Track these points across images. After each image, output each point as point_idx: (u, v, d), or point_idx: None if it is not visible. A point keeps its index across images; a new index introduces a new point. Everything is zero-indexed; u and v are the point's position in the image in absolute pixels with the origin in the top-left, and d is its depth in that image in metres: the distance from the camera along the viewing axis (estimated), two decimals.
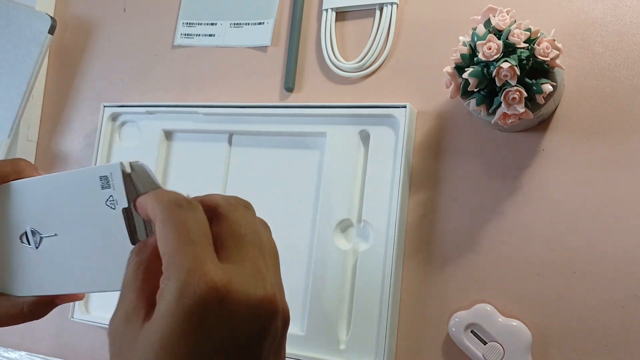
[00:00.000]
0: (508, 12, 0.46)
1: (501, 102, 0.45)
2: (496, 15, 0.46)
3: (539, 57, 0.44)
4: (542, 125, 0.51)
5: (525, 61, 0.44)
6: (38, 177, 0.35)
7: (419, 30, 0.58)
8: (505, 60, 0.44)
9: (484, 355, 0.48)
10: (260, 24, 0.65)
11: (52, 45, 0.75)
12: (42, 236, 0.34)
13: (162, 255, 0.27)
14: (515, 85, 0.44)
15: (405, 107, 0.54)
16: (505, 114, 0.46)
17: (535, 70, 0.45)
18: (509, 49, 0.44)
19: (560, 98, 0.50)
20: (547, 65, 0.45)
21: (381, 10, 0.59)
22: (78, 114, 0.74)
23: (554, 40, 0.45)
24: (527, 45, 0.45)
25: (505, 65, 0.43)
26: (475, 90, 0.46)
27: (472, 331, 0.50)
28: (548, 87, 0.45)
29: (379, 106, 0.55)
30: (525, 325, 0.48)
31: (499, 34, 0.45)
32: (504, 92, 0.45)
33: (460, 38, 0.48)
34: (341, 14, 0.62)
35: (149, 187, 0.31)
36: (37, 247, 0.35)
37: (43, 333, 0.70)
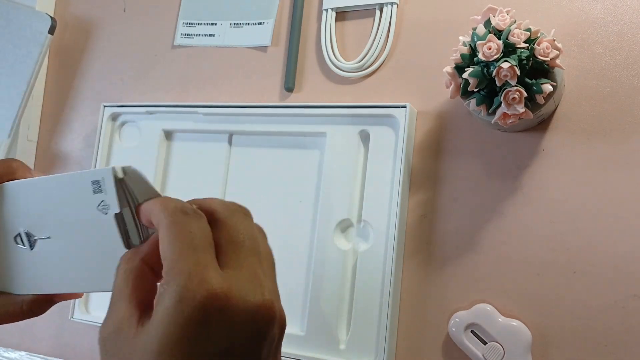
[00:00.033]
0: (508, 12, 0.46)
1: (501, 102, 0.45)
2: (496, 15, 0.46)
3: (539, 57, 0.44)
4: (542, 125, 0.51)
5: (525, 61, 0.44)
6: (31, 179, 0.35)
7: (419, 30, 0.58)
8: (505, 60, 0.44)
9: (484, 355, 0.48)
10: (260, 24, 0.65)
11: (52, 45, 0.75)
12: (36, 238, 0.34)
13: (164, 259, 0.27)
14: (515, 85, 0.44)
15: (405, 107, 0.54)
16: (505, 114, 0.46)
17: (535, 70, 0.45)
18: (509, 49, 0.44)
19: (560, 98, 0.50)
20: (547, 65, 0.45)
21: (381, 10, 0.59)
22: (78, 114, 0.74)
23: (554, 40, 0.45)
24: (527, 45, 0.45)
25: (505, 65, 0.43)
26: (475, 90, 0.46)
27: (472, 331, 0.50)
28: (548, 87, 0.45)
29: (379, 106, 0.55)
30: (525, 325, 0.48)
31: (499, 34, 0.45)
32: (504, 92, 0.45)
33: (460, 38, 0.48)
34: (341, 14, 0.62)
35: (146, 192, 0.31)
36: (32, 249, 0.34)
37: (43, 333, 0.70)
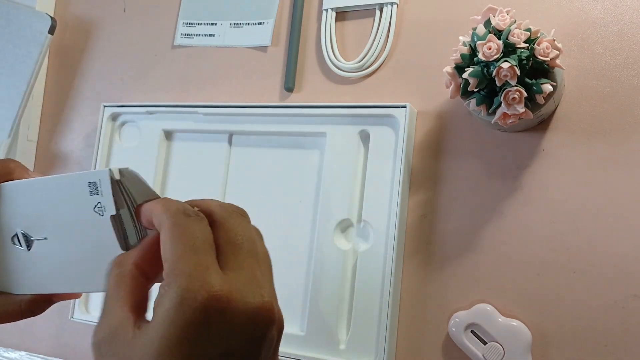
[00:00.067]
0: (508, 12, 0.46)
1: (501, 102, 0.45)
2: (496, 15, 0.46)
3: (539, 57, 0.44)
4: (542, 125, 0.51)
5: (525, 61, 0.44)
6: (28, 180, 0.35)
7: (419, 30, 0.58)
8: (505, 60, 0.44)
9: (484, 355, 0.48)
10: (260, 24, 0.65)
11: (52, 45, 0.75)
12: (33, 239, 0.34)
13: (165, 261, 0.27)
14: (515, 85, 0.44)
15: (405, 107, 0.54)
16: (505, 114, 0.46)
17: (535, 70, 0.45)
18: (509, 49, 0.44)
19: (560, 98, 0.50)
20: (547, 65, 0.45)
21: (381, 10, 0.59)
22: (78, 114, 0.74)
23: (554, 40, 0.45)
24: (527, 45, 0.45)
25: (505, 65, 0.43)
26: (475, 90, 0.46)
27: (472, 331, 0.50)
28: (548, 87, 0.45)
29: (379, 106, 0.55)
30: (525, 325, 0.48)
31: (499, 34, 0.45)
32: (504, 92, 0.45)
33: (460, 38, 0.48)
34: (341, 14, 0.62)
35: (144, 193, 0.31)
36: (29, 249, 0.34)
37: (43, 333, 0.70)
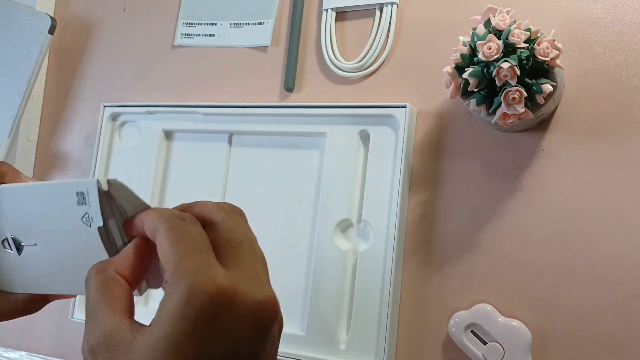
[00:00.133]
0: (508, 12, 0.46)
1: (501, 102, 0.45)
2: (496, 15, 0.46)
3: (539, 57, 0.44)
4: (542, 125, 0.51)
5: (525, 61, 0.44)
6: (18, 185, 0.35)
7: (419, 30, 0.58)
8: (505, 60, 0.44)
9: (484, 355, 0.48)
10: (260, 24, 0.65)
11: (52, 45, 0.75)
12: (23, 244, 0.34)
13: (166, 263, 0.27)
14: (515, 85, 0.44)
15: (405, 107, 0.54)
16: (505, 114, 0.46)
17: (535, 70, 0.45)
18: (509, 49, 0.44)
19: (560, 98, 0.50)
20: (547, 65, 0.45)
21: (381, 10, 0.59)
22: (78, 114, 0.74)
23: (554, 40, 0.45)
24: (527, 45, 0.45)
25: (505, 65, 0.43)
26: (475, 90, 0.46)
27: (472, 331, 0.50)
28: (548, 87, 0.45)
29: (379, 106, 0.55)
30: (525, 325, 0.48)
31: (499, 34, 0.45)
32: (504, 92, 0.45)
33: (460, 38, 0.48)
34: (341, 14, 0.62)
35: (133, 203, 0.31)
36: (19, 254, 0.34)
37: (43, 333, 0.70)
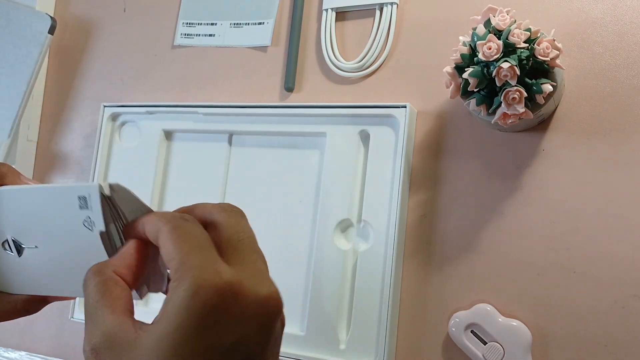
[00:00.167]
0: (508, 12, 0.46)
1: (501, 102, 0.45)
2: (496, 15, 0.46)
3: (539, 57, 0.44)
4: (542, 125, 0.51)
5: (525, 61, 0.44)
6: (19, 187, 0.34)
7: (419, 30, 0.58)
8: (505, 60, 0.44)
9: (484, 355, 0.48)
10: (260, 24, 0.65)
11: (52, 45, 0.75)
12: (23, 247, 0.34)
13: (170, 261, 0.27)
14: (515, 85, 0.44)
15: (405, 107, 0.54)
16: (505, 114, 0.46)
17: (535, 70, 0.45)
18: (509, 49, 0.44)
19: (560, 98, 0.50)
20: (547, 65, 0.45)
21: (381, 10, 0.59)
22: (78, 114, 0.74)
23: (554, 40, 0.45)
24: (527, 45, 0.45)
25: (505, 65, 0.43)
26: (475, 90, 0.46)
27: (472, 331, 0.50)
28: (548, 87, 0.45)
29: (379, 106, 0.55)
30: (525, 325, 0.48)
31: (499, 34, 0.45)
32: (504, 92, 0.45)
33: (460, 38, 0.48)
34: (341, 14, 0.62)
35: (135, 207, 0.31)
36: (19, 256, 0.34)
37: (43, 333, 0.70)
